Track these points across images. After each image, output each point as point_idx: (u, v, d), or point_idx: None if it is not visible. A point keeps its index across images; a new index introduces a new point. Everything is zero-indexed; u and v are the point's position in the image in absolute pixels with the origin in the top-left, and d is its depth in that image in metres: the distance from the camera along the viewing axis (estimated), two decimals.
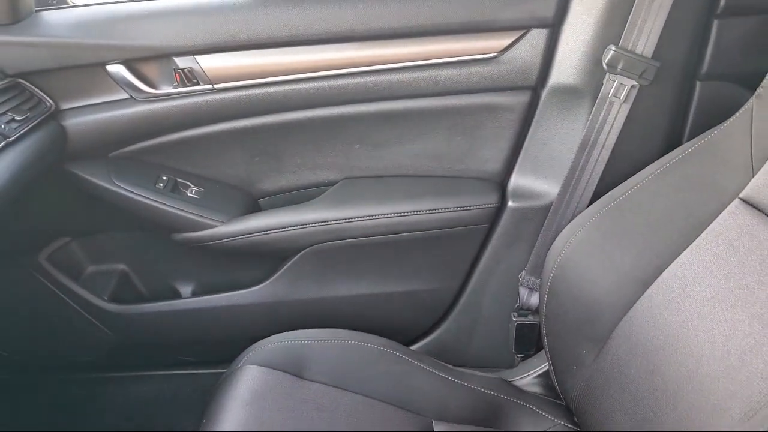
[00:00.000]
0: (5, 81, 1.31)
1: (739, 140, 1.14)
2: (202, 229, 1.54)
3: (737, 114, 1.17)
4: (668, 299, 1.09)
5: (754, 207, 1.05)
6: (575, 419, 1.30)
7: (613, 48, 1.34)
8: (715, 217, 1.10)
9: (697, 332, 1.00)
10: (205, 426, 1.17)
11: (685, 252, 1.11)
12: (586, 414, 1.22)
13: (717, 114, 1.23)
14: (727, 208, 1.09)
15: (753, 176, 1.08)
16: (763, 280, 0.95)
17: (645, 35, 1.31)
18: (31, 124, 1.29)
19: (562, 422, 1.30)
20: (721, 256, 1.05)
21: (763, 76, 1.14)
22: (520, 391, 1.41)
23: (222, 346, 1.51)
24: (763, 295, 0.94)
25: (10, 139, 1.21)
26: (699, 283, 1.05)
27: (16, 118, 1.25)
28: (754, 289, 0.96)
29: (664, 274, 1.12)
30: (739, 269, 1.01)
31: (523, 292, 1.52)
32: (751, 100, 1.16)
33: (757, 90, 1.15)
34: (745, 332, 0.93)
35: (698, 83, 1.43)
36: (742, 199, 1.08)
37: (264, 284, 1.62)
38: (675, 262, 1.11)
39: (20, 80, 1.35)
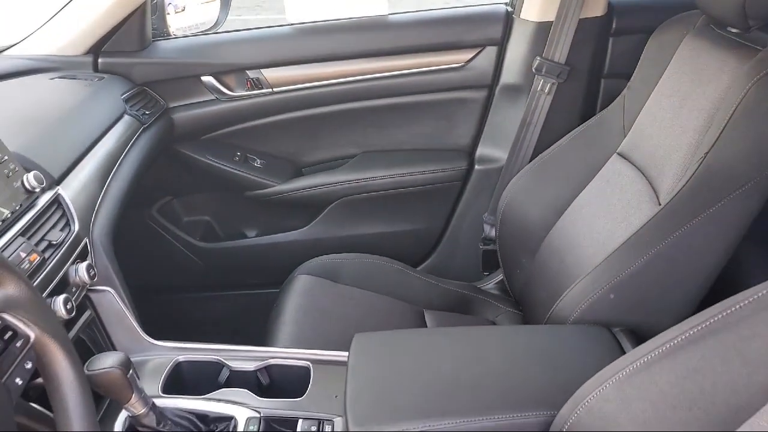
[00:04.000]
0: (135, 88, 1.71)
1: (618, 116, 1.54)
2: (265, 188, 1.90)
3: (617, 98, 1.57)
4: (572, 219, 1.50)
5: (623, 157, 1.46)
6: (519, 308, 1.68)
7: (539, 58, 1.74)
8: (602, 166, 1.50)
9: (584, 233, 1.42)
10: (276, 309, 1.55)
11: (584, 189, 1.51)
12: (525, 301, 1.61)
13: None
14: (609, 159, 1.50)
15: (624, 137, 1.48)
16: (620, 197, 1.38)
17: (559, 49, 1.71)
18: (154, 117, 1.69)
19: (511, 309, 1.69)
20: (602, 188, 1.47)
21: None
22: (483, 291, 1.79)
23: (277, 272, 1.77)
24: (619, 205, 1.36)
25: (145, 125, 1.62)
26: (589, 206, 1.47)
27: (146, 112, 1.66)
28: (615, 202, 1.39)
29: (572, 204, 1.52)
30: (609, 193, 1.43)
31: (487, 227, 1.90)
32: (625, 89, 1.56)
33: (628, 83, 1.56)
34: (607, 228, 1.35)
35: (602, 80, 1.82)
36: (618, 153, 1.49)
37: (307, 227, 1.97)
38: (578, 196, 1.51)
39: (145, 87, 1.75)
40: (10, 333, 0.70)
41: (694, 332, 0.81)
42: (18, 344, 0.70)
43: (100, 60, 1.71)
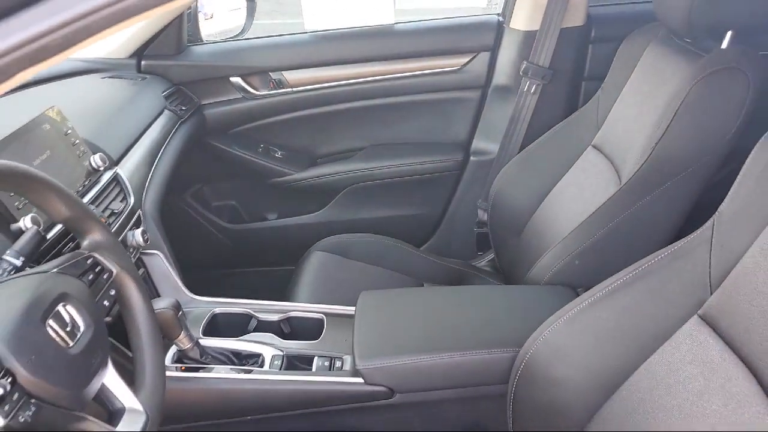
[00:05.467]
0: (173, 87, 1.90)
1: (593, 113, 1.70)
2: (284, 176, 2.08)
3: (593, 98, 1.72)
4: (552, 203, 1.67)
5: (596, 149, 1.63)
6: (508, 282, 1.82)
7: (526, 62, 1.90)
8: (579, 157, 1.67)
9: (561, 215, 1.60)
10: (293, 279, 1.73)
11: (563, 177, 1.68)
12: (511, 276, 1.77)
13: None
14: (585, 151, 1.66)
15: (598, 131, 1.65)
16: (591, 182, 1.55)
17: (544, 54, 1.87)
18: (189, 113, 1.87)
19: (500, 283, 1.87)
20: (578, 176, 1.64)
21: None
22: (476, 268, 1.98)
23: (294, 250, 1.91)
24: (590, 189, 1.54)
25: (182, 120, 1.81)
26: (566, 191, 1.65)
27: (182, 108, 1.84)
28: (587, 187, 1.56)
29: (552, 190, 1.69)
30: (584, 180, 1.61)
31: (480, 212, 2.07)
32: (599, 90, 1.72)
33: (602, 85, 1.71)
34: (579, 209, 1.52)
35: (583, 82, 1.97)
36: (592, 146, 1.65)
37: (321, 210, 2.14)
38: (558, 183, 1.68)
39: (181, 86, 1.93)
40: (98, 268, 0.90)
41: (627, 278, 1.01)
42: (104, 276, 0.90)
43: (142, 62, 1.90)
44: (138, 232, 1.28)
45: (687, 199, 1.34)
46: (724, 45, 1.35)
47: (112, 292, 0.91)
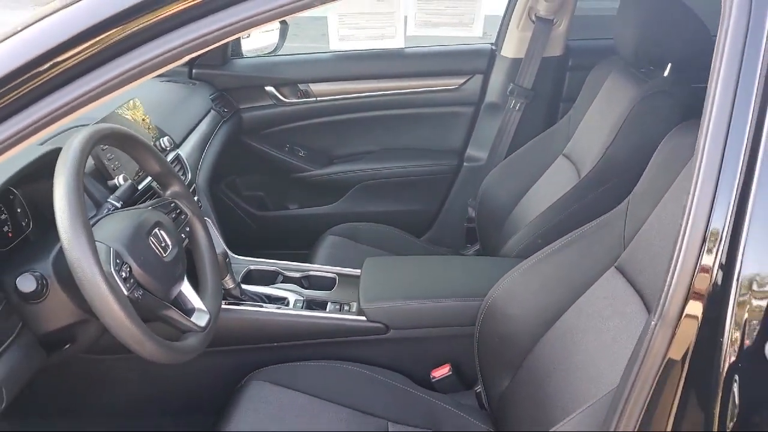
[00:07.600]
0: (217, 92, 2.21)
1: (565, 127, 1.97)
2: (305, 172, 2.37)
3: (566, 115, 2.00)
4: (529, 199, 1.94)
5: (565, 156, 1.92)
6: None
7: (512, 84, 2.21)
8: (552, 163, 1.95)
9: (533, 209, 1.88)
10: (309, 258, 2.00)
11: (538, 180, 1.96)
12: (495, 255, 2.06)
13: None
14: (557, 159, 1.95)
15: (568, 142, 1.95)
16: (558, 182, 1.87)
17: (527, 78, 2.18)
18: (229, 115, 2.18)
19: None
20: (550, 178, 1.91)
21: None
22: (465, 256, 2.27)
23: (311, 236, 2.14)
24: (554, 191, 1.85)
25: (224, 120, 2.12)
26: (539, 191, 1.92)
27: (224, 110, 2.16)
28: (555, 188, 1.88)
29: (529, 190, 1.96)
30: (554, 182, 1.90)
31: (470, 210, 2.32)
32: (571, 109, 1.99)
33: (574, 105, 2.00)
34: (546, 203, 1.85)
35: (561, 103, 2.27)
36: (563, 154, 1.94)
37: (335, 203, 2.41)
38: (534, 184, 1.96)
39: (223, 92, 2.24)
40: (178, 210, 1.21)
41: (565, 241, 1.31)
42: (182, 217, 1.21)
43: (193, 70, 2.22)
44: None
45: (628, 195, 1.63)
46: (665, 74, 1.65)
47: (187, 229, 1.22)
